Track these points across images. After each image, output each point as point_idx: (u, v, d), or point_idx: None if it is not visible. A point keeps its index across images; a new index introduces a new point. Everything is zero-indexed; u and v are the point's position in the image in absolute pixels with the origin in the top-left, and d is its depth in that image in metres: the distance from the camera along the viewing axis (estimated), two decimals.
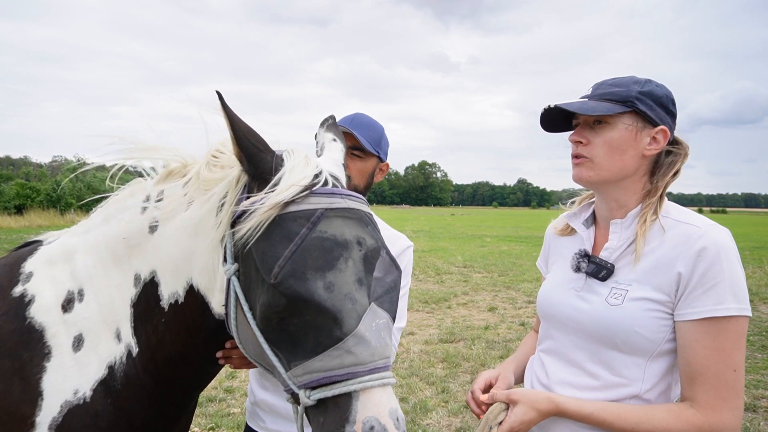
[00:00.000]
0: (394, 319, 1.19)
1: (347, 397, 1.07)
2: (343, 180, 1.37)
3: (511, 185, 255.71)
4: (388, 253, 1.24)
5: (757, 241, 26.44)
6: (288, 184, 1.18)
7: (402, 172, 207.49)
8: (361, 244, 1.18)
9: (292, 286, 1.09)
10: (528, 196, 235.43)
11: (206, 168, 1.33)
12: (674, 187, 1.49)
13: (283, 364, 1.15)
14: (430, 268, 14.09)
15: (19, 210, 32.37)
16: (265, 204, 1.16)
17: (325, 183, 1.24)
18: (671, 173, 1.44)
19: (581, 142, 1.46)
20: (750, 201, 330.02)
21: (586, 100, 1.46)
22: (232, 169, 1.29)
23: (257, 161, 1.23)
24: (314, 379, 1.09)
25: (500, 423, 1.40)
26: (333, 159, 1.43)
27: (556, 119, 1.52)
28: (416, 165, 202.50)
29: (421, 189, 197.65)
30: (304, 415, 1.14)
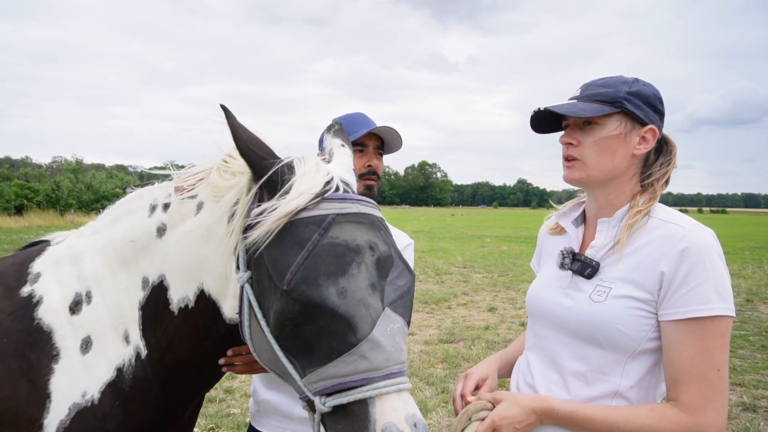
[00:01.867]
0: (408, 323, 1.19)
1: (363, 404, 1.06)
2: (354, 185, 1.37)
3: (511, 185, 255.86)
4: (401, 257, 1.23)
5: (757, 241, 26.44)
6: (299, 192, 1.18)
7: (402, 173, 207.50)
8: (374, 248, 1.17)
9: (305, 292, 1.08)
10: (528, 197, 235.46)
11: (217, 174, 1.33)
12: (674, 187, 1.51)
13: (297, 371, 1.14)
14: (430, 268, 14.09)
15: (19, 210, 32.39)
16: (276, 212, 1.16)
17: (337, 189, 1.23)
18: (664, 180, 1.46)
19: (572, 144, 1.48)
20: (750, 201, 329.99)
21: (575, 101, 1.47)
22: (242, 176, 1.28)
23: (262, 169, 1.22)
24: (329, 386, 1.08)
25: (482, 419, 1.39)
26: (343, 164, 1.42)
27: (546, 120, 1.54)
28: (416, 165, 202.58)
29: (421, 189, 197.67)
30: (321, 422, 1.13)
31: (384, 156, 2.14)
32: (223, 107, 1.22)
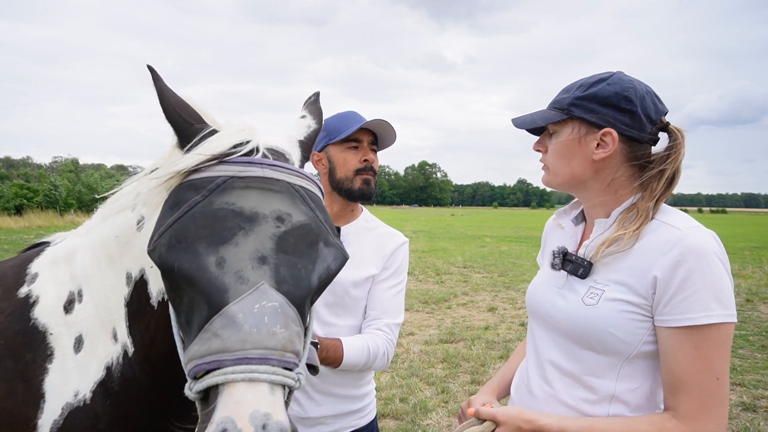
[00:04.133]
0: (301, 309, 1.02)
1: (215, 392, 0.91)
2: (294, 156, 1.26)
3: (511, 185, 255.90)
4: (332, 236, 1.12)
5: (757, 241, 26.43)
6: (195, 153, 1.09)
7: (402, 173, 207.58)
8: (282, 219, 1.05)
9: (162, 255, 1.00)
10: (528, 197, 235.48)
11: (171, 152, 1.28)
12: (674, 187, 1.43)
13: (182, 352, 1.03)
14: (430, 268, 14.07)
15: (18, 210, 32.41)
16: (162, 174, 1.09)
17: (251, 153, 1.12)
18: (662, 182, 1.35)
19: (540, 150, 1.50)
20: (750, 201, 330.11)
21: (543, 109, 1.49)
22: None
23: (188, 136, 1.15)
24: (191, 368, 0.95)
25: None
26: (287, 135, 1.33)
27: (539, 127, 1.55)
28: (416, 165, 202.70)
29: (421, 189, 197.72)
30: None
31: (381, 153, 2.13)
32: (150, 68, 1.16)
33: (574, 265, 1.43)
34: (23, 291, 1.40)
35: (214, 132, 1.17)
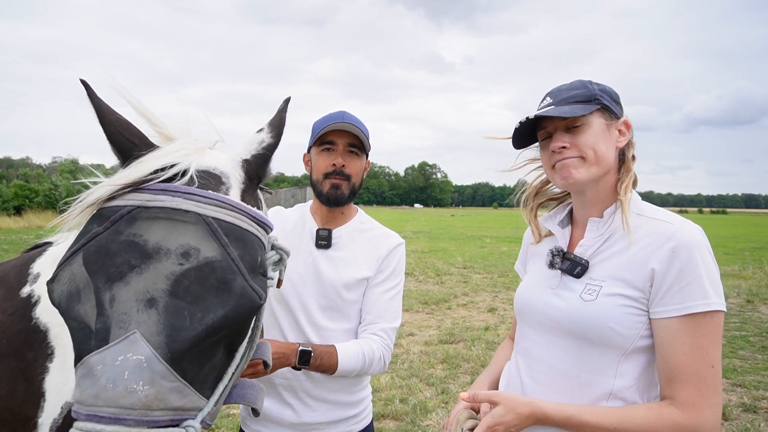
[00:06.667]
0: (178, 363, 0.91)
1: None
2: (233, 179, 1.16)
3: (512, 186, 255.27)
4: (242, 278, 0.99)
5: (757, 242, 26.45)
6: (106, 182, 1.02)
7: (402, 173, 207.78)
8: (189, 256, 0.94)
9: (53, 290, 0.96)
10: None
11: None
12: (675, 188, 1.56)
13: None
14: (429, 268, 14.08)
15: (18, 211, 32.38)
16: (75, 209, 1.05)
17: (174, 179, 1.05)
18: (630, 169, 1.47)
19: (565, 147, 1.44)
20: (750, 201, 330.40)
21: (554, 107, 1.45)
22: None
23: (127, 156, 1.08)
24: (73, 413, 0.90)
25: (471, 428, 1.37)
26: (233, 154, 1.25)
27: (522, 133, 1.53)
28: (416, 166, 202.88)
29: (421, 190, 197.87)
30: None
31: (381, 153, 2.10)
32: (83, 82, 1.07)
33: (572, 264, 1.46)
34: (26, 291, 1.41)
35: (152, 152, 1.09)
